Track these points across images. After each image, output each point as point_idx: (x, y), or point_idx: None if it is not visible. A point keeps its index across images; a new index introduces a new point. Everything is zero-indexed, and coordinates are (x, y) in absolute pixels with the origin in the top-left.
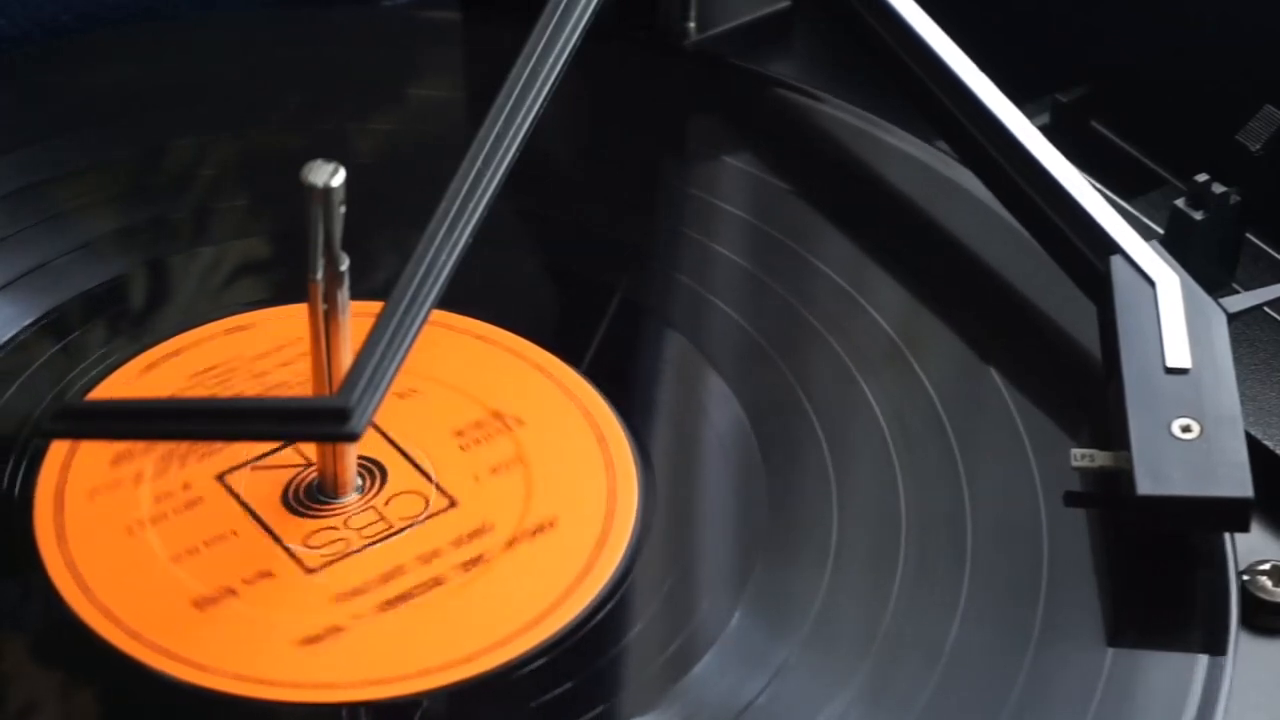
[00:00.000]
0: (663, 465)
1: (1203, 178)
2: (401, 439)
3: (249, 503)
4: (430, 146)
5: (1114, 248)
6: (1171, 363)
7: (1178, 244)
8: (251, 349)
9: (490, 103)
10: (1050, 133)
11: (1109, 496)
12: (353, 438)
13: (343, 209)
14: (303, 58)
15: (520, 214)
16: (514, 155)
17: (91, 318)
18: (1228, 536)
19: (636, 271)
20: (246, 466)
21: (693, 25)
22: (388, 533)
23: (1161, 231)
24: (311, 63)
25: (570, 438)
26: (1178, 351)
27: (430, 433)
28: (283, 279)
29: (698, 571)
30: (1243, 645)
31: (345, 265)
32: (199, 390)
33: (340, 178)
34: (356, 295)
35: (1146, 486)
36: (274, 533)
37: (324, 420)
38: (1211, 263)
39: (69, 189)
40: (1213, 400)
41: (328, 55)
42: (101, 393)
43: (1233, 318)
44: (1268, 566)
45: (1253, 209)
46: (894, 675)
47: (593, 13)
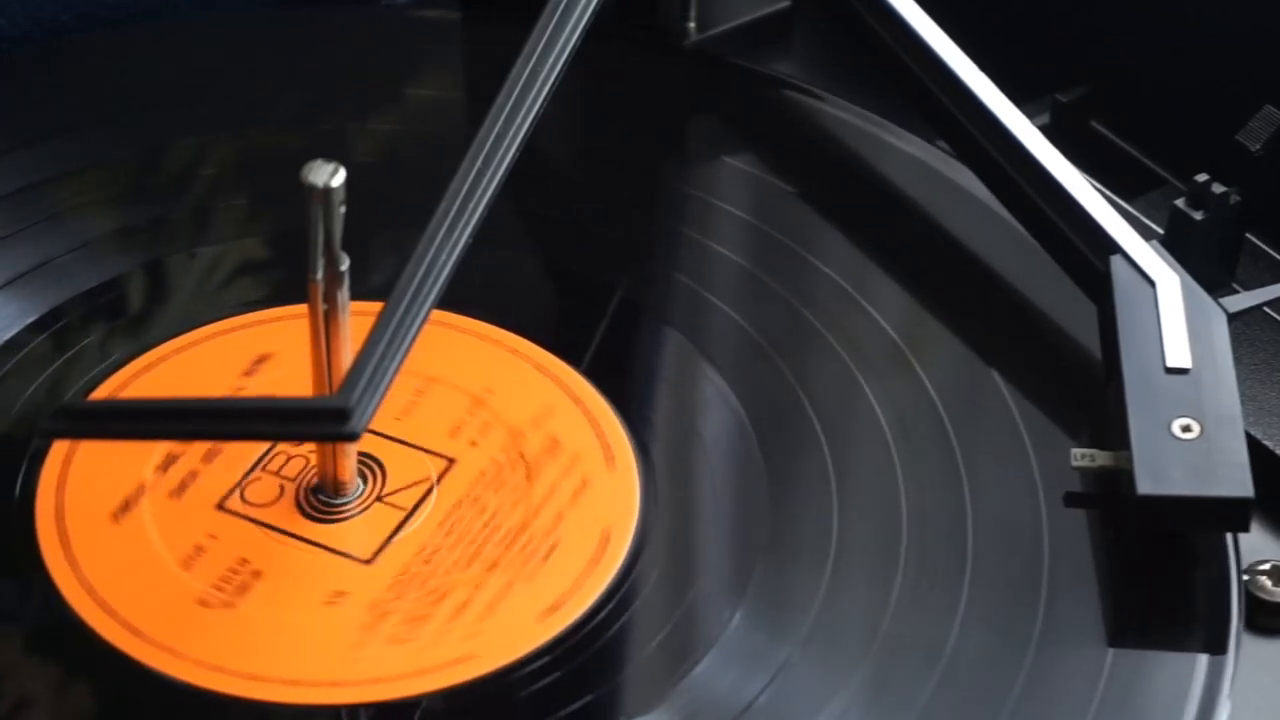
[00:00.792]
0: (663, 465)
1: (1203, 178)
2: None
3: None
4: (430, 146)
5: (1114, 248)
6: (1171, 362)
7: (1178, 244)
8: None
9: (490, 103)
10: (1050, 133)
11: (1109, 496)
12: (353, 437)
13: (343, 209)
14: (303, 58)
15: (520, 214)
16: (514, 155)
17: (91, 317)
18: (1228, 536)
19: (636, 271)
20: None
21: (693, 25)
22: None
23: (1161, 231)
24: (311, 63)
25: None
26: (1178, 351)
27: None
28: (283, 279)
29: (698, 571)
30: (1243, 645)
31: (345, 265)
32: (199, 390)
33: (340, 178)
34: (356, 295)
35: (1147, 486)
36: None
37: (324, 420)
38: (1211, 263)
39: (69, 189)
40: (1213, 400)
41: (328, 55)
42: (101, 393)
43: (1233, 318)
44: (1268, 566)
45: (1253, 209)
46: (894, 675)
47: (593, 13)
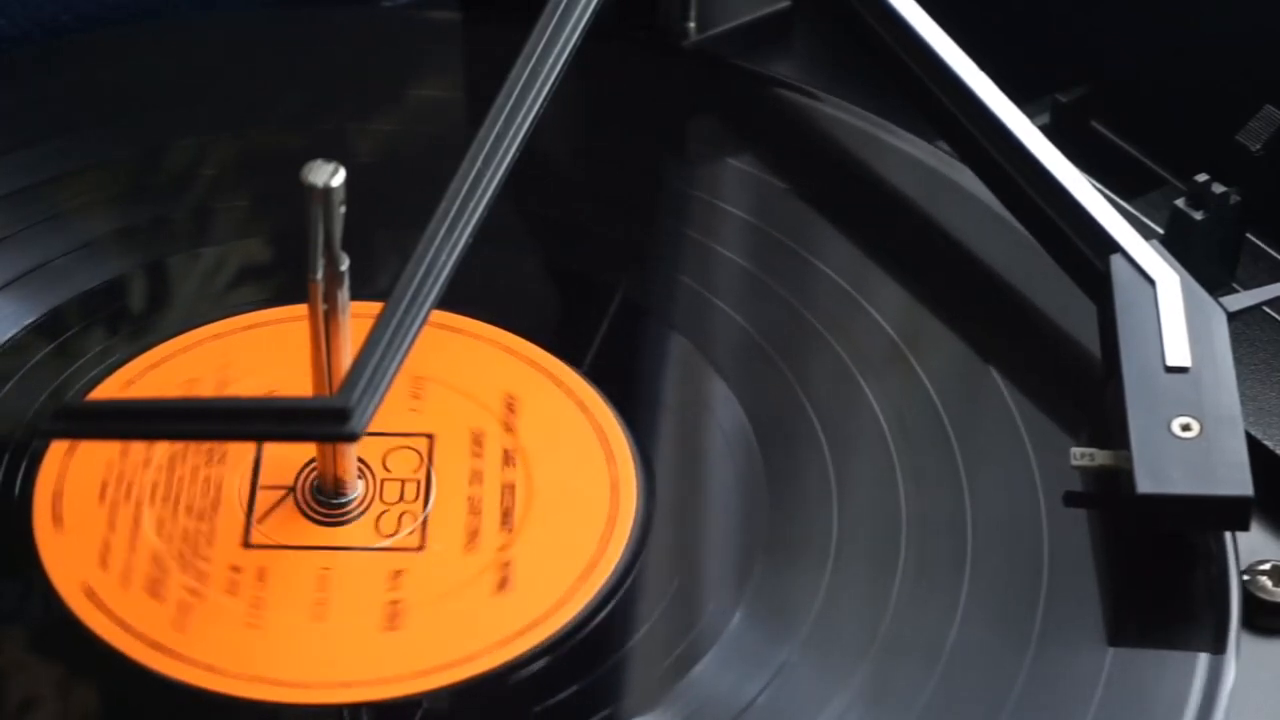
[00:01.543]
0: (663, 465)
1: (1203, 178)
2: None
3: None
4: (430, 146)
5: (1114, 247)
6: (1171, 362)
7: (1178, 244)
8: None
9: (490, 103)
10: (1050, 133)
11: (1109, 496)
12: (353, 438)
13: (343, 209)
14: (303, 58)
15: (520, 214)
16: (514, 155)
17: (91, 317)
18: (1228, 536)
19: (636, 271)
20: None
21: (693, 25)
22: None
23: (1161, 231)
24: (311, 63)
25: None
26: (1178, 350)
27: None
28: (283, 280)
29: (698, 571)
30: (1243, 645)
31: (345, 265)
32: (199, 390)
33: (340, 178)
34: (356, 295)
35: (1146, 485)
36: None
37: (324, 420)
38: (1211, 262)
39: (69, 189)
40: (1212, 399)
41: (328, 55)
42: (101, 393)
43: (1233, 317)
44: (1268, 566)
45: (1253, 209)
46: (894, 675)
47: (593, 13)
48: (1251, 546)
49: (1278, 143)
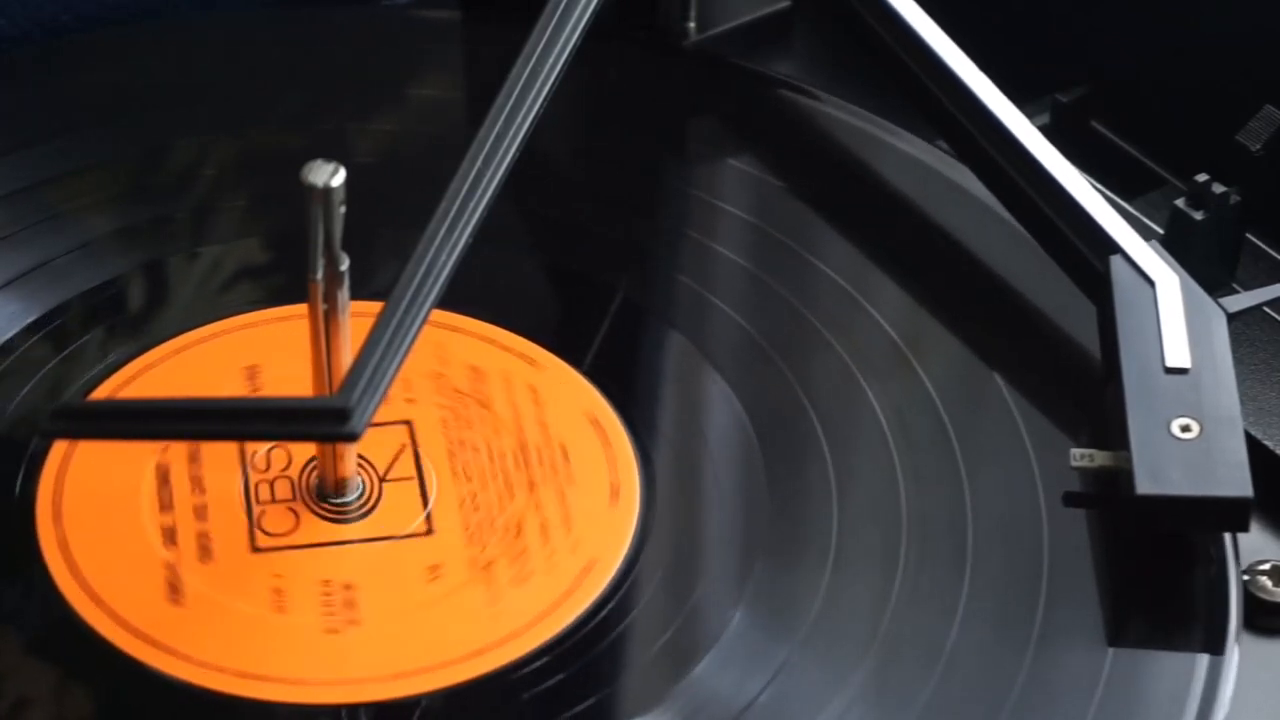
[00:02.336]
0: (664, 465)
1: (1203, 178)
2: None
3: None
4: (430, 146)
5: (1114, 248)
6: (1171, 362)
7: (1178, 244)
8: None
9: (490, 103)
10: (1050, 133)
11: (1109, 496)
12: (353, 438)
13: (343, 209)
14: (303, 58)
15: (520, 214)
16: (514, 155)
17: (91, 317)
18: (1228, 536)
19: (636, 271)
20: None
21: (693, 25)
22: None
23: (1161, 231)
24: (311, 63)
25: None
26: (1177, 351)
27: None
28: (282, 279)
29: (698, 571)
30: (1243, 645)
31: (345, 265)
32: (198, 390)
33: (340, 178)
34: (356, 295)
35: (1146, 486)
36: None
37: (324, 420)
38: (1211, 263)
39: (69, 189)
40: (1212, 400)
41: (328, 55)
42: (101, 393)
43: (1233, 317)
44: (1268, 566)
45: (1253, 209)
46: (894, 675)
47: (593, 13)
48: (1251, 546)
49: (1278, 143)
